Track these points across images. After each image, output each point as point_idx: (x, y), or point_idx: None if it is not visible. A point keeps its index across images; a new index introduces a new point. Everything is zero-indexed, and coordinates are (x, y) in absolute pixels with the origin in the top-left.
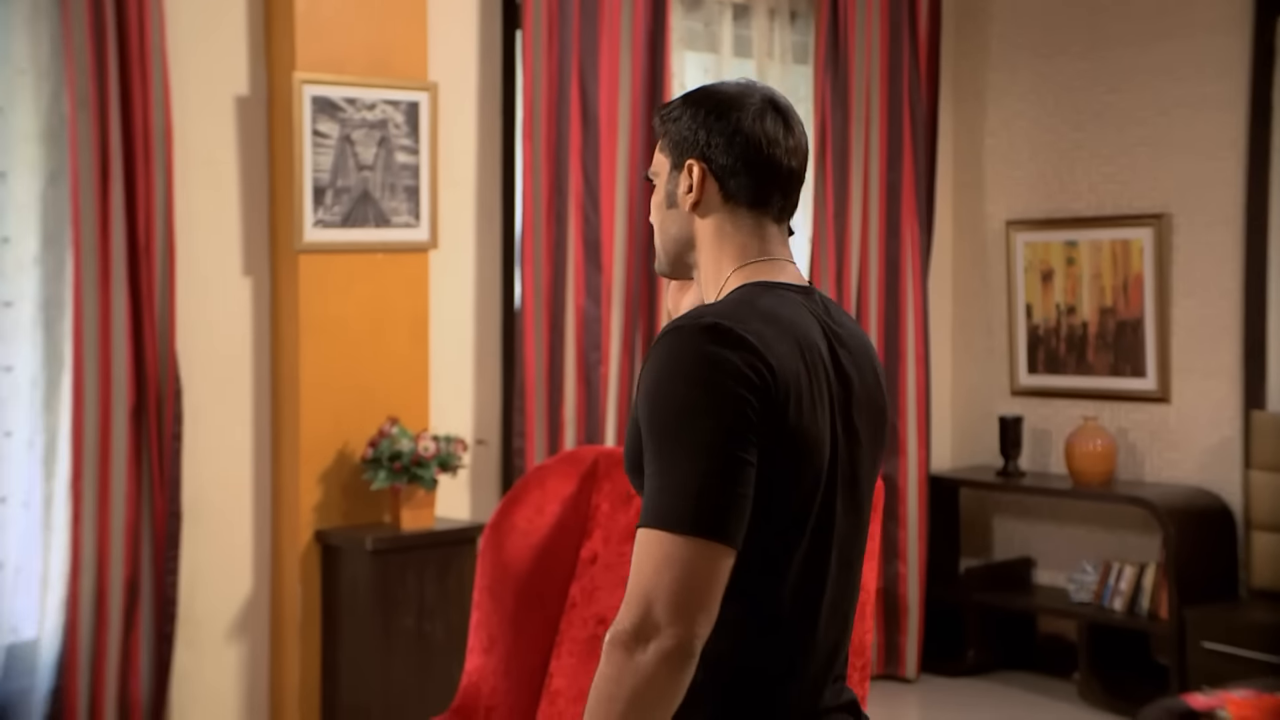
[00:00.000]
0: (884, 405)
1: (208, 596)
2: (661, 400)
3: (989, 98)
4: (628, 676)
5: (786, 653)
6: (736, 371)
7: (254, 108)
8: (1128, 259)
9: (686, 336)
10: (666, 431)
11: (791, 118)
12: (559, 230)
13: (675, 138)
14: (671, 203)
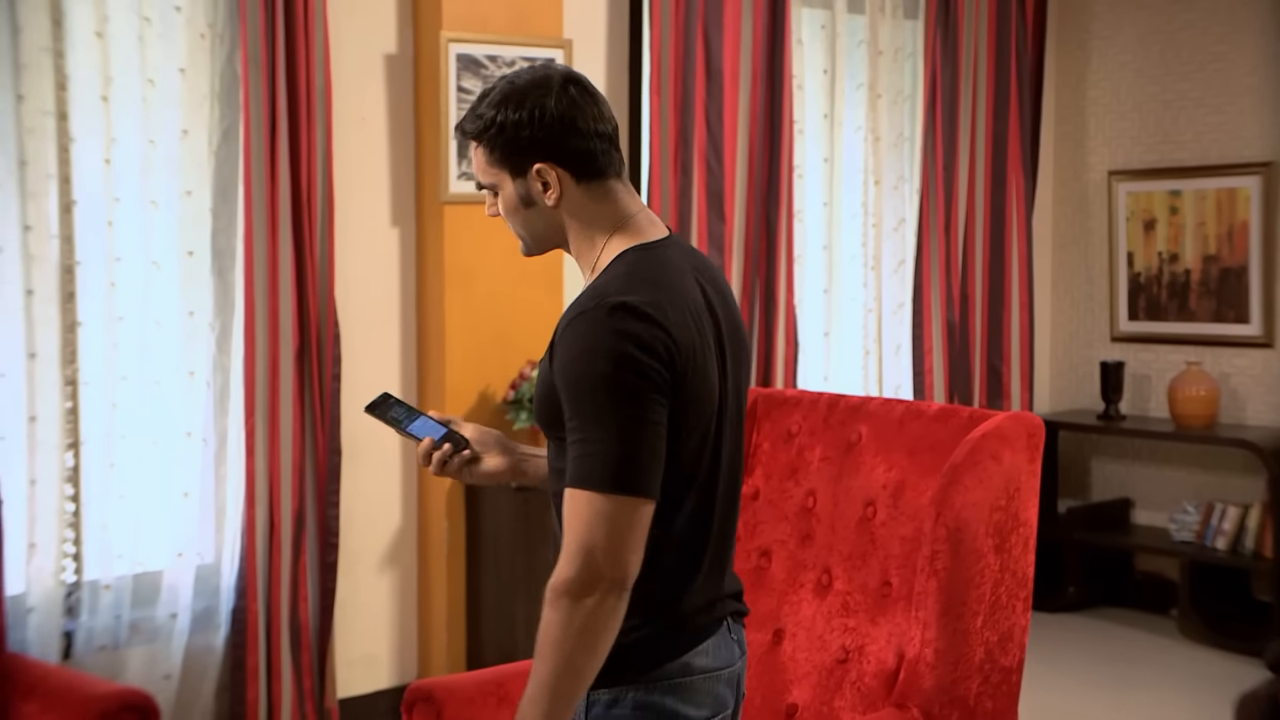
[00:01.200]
0: (741, 323)
1: (362, 529)
2: (581, 376)
3: (1093, 49)
4: (577, 619)
5: (692, 556)
6: (644, 345)
7: (401, 66)
8: (1233, 207)
9: (597, 318)
10: (585, 403)
11: (587, 83)
12: (684, 181)
13: (506, 149)
14: (528, 204)
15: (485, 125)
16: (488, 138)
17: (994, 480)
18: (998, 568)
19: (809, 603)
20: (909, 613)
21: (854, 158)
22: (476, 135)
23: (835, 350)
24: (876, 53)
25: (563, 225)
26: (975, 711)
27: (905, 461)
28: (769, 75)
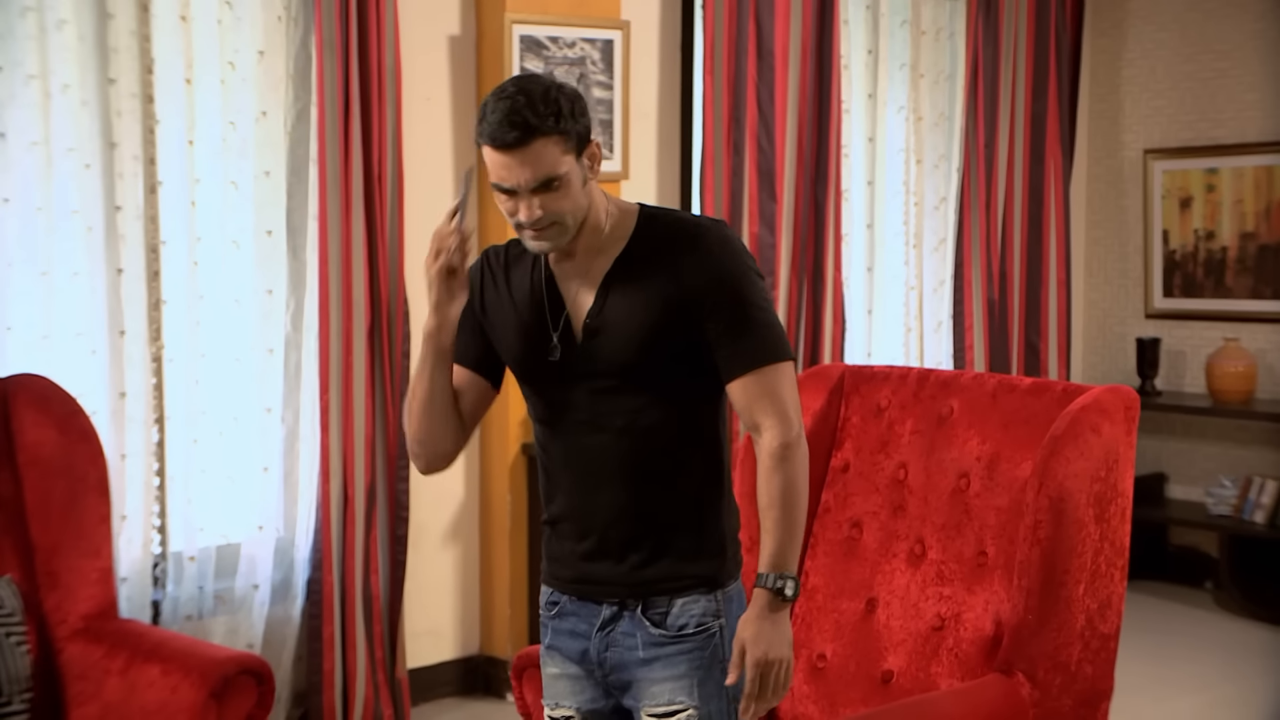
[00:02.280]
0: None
1: (428, 503)
2: (746, 272)
3: (1129, 28)
4: (805, 464)
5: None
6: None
7: (464, 47)
8: (1271, 185)
9: (720, 232)
10: (755, 293)
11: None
12: (736, 160)
13: (577, 133)
14: (583, 183)
15: (558, 113)
16: (563, 125)
17: (1094, 452)
18: (1098, 537)
19: (902, 572)
20: (1008, 581)
21: (896, 137)
22: (551, 129)
23: (878, 327)
24: (919, 33)
25: (592, 199)
26: (1076, 676)
27: (999, 434)
28: (818, 56)
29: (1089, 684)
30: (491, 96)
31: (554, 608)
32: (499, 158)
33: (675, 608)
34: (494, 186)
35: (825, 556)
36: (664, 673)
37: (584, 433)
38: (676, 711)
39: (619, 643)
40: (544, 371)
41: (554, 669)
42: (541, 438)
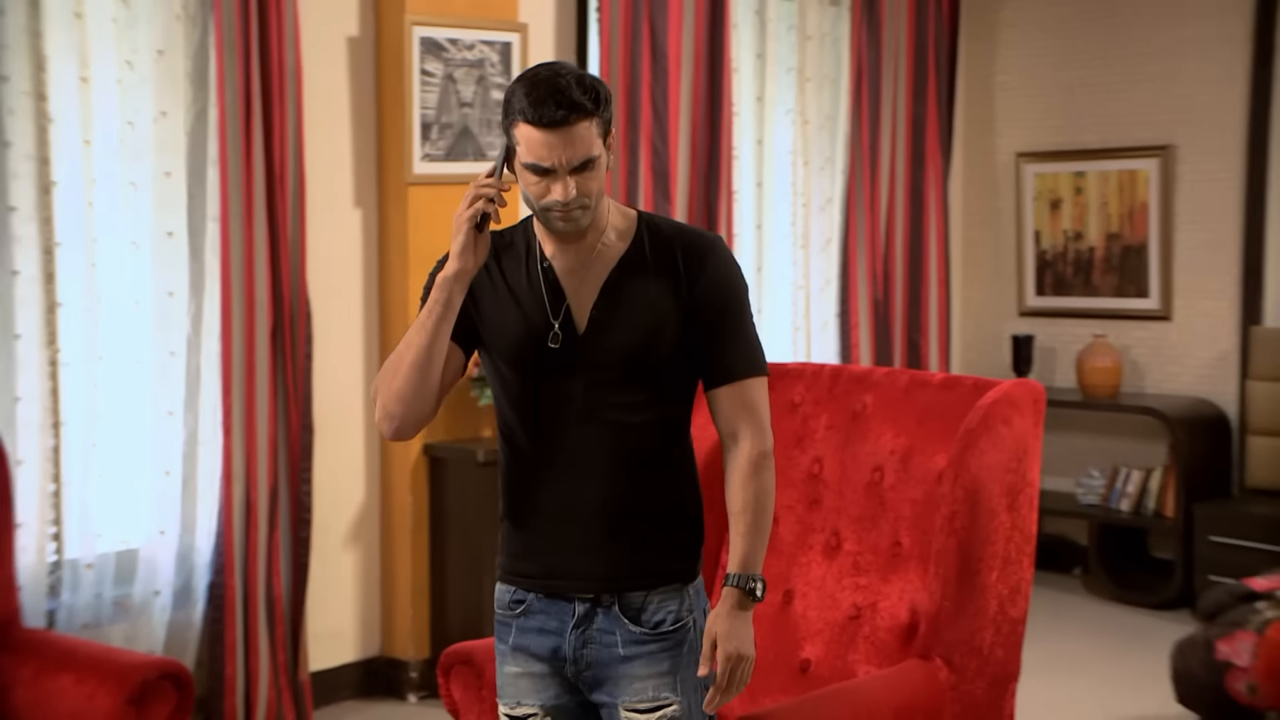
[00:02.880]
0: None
1: (328, 505)
2: (742, 288)
3: (1000, 36)
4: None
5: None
6: None
7: (363, 48)
8: (1134, 188)
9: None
10: (746, 309)
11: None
12: (631, 161)
13: (607, 119)
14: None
15: (596, 96)
16: (601, 108)
17: (1006, 443)
18: (1009, 525)
19: (819, 564)
20: (923, 570)
21: (784, 139)
22: (591, 110)
23: (766, 326)
24: (805, 38)
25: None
26: (989, 659)
27: (913, 429)
28: (709, 59)
29: (1000, 667)
30: (526, 80)
31: (519, 606)
32: (542, 136)
33: (653, 603)
34: (528, 167)
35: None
36: (647, 669)
37: (574, 424)
38: (661, 707)
39: (596, 640)
40: (541, 360)
41: (515, 668)
42: (517, 429)
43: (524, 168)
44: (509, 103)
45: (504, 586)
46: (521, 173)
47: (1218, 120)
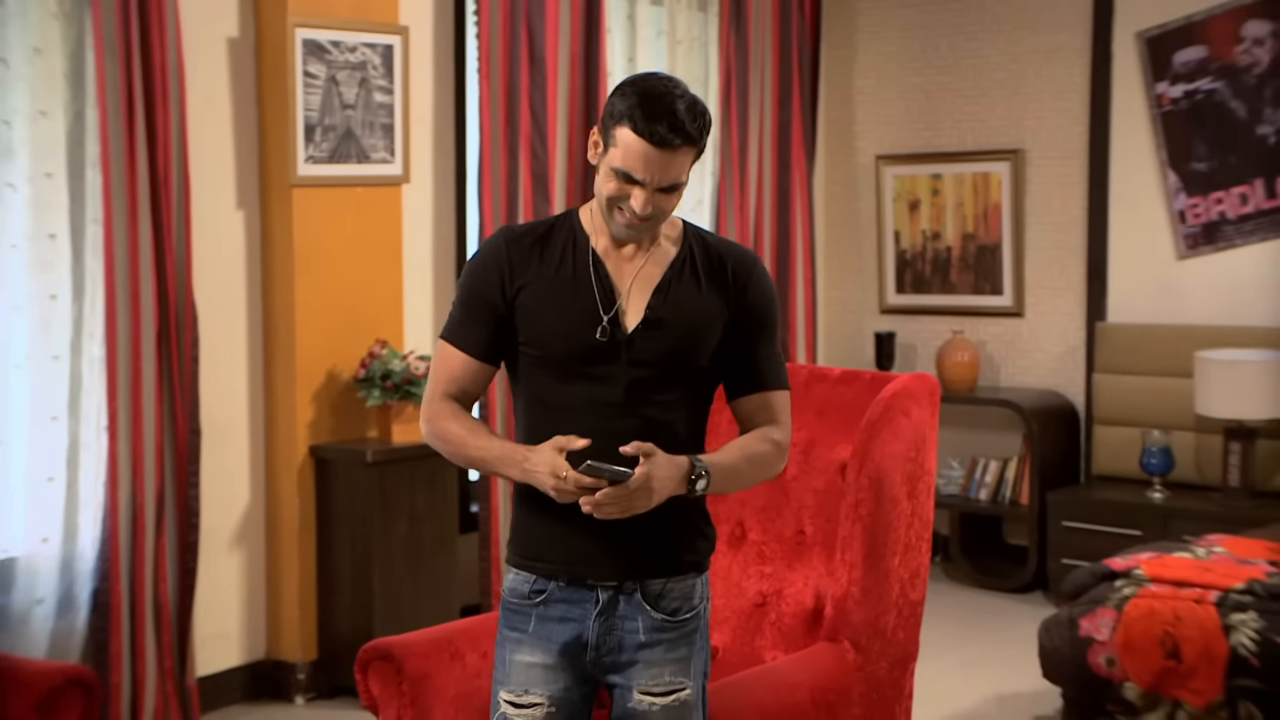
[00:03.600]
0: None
1: (213, 509)
2: (776, 303)
3: (859, 43)
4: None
5: None
6: None
7: (243, 49)
8: (987, 190)
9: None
10: (777, 323)
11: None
12: (511, 164)
13: (703, 147)
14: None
15: (703, 127)
16: (702, 139)
17: (906, 434)
18: (909, 512)
19: (724, 554)
20: (826, 557)
21: None
22: (696, 140)
23: None
24: (675, 42)
25: None
26: (891, 641)
27: (814, 422)
28: (585, 63)
29: (901, 648)
30: (641, 89)
31: (539, 595)
32: (644, 150)
33: (672, 591)
34: (618, 171)
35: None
36: (666, 655)
37: (611, 416)
38: (674, 691)
39: (619, 627)
40: (586, 353)
41: (530, 657)
42: (544, 421)
43: (612, 170)
44: (616, 103)
45: (521, 575)
46: (607, 172)
47: (1062, 126)
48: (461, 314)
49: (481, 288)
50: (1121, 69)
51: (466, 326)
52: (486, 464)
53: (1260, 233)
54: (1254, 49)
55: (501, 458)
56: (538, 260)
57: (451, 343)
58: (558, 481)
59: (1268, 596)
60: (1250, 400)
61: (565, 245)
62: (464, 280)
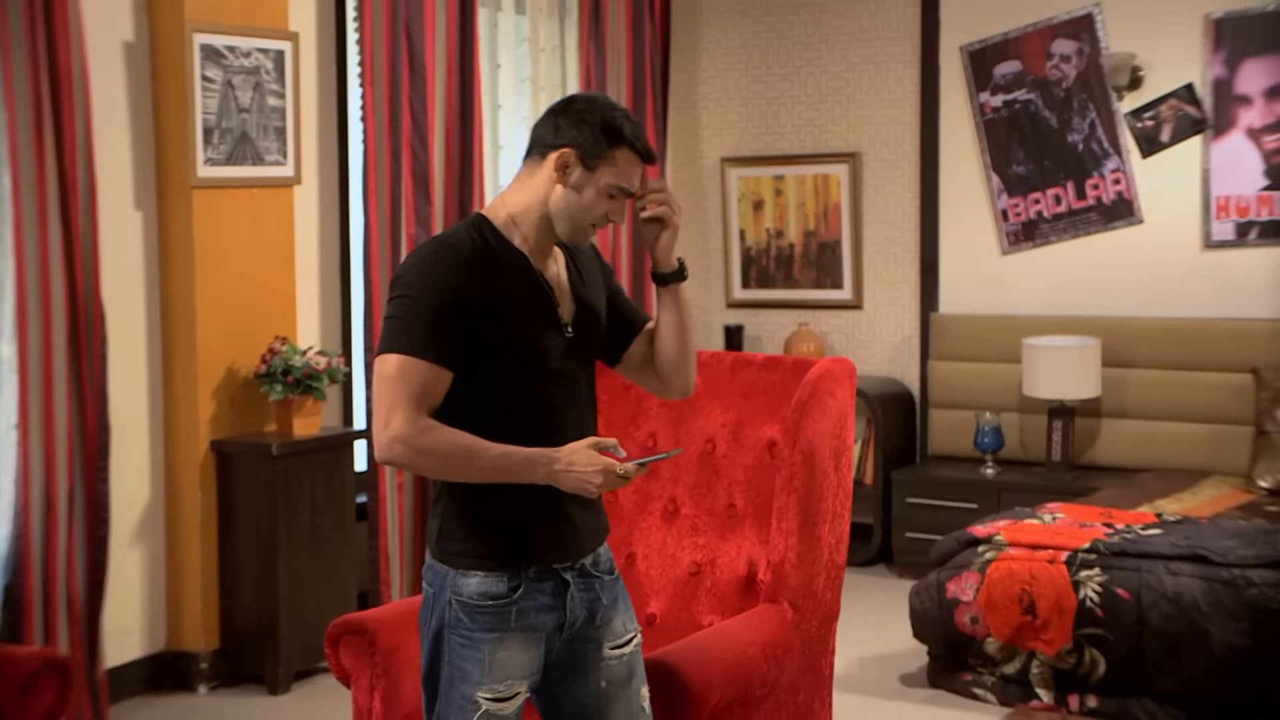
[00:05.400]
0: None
1: (114, 504)
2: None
3: (703, 50)
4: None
5: None
6: None
7: (139, 53)
8: (827, 190)
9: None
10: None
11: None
12: (395, 166)
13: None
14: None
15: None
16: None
17: (832, 412)
18: (835, 484)
19: (658, 528)
20: (757, 527)
21: (522, 144)
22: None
23: None
24: (538, 49)
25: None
26: (821, 601)
27: (740, 404)
28: (461, 68)
29: (828, 607)
30: (620, 112)
31: (515, 591)
32: (639, 166)
33: (602, 552)
34: (618, 188)
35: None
36: (619, 609)
37: (566, 405)
38: (630, 639)
39: (585, 597)
40: (557, 351)
41: (510, 651)
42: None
43: (606, 187)
44: (612, 127)
45: (490, 578)
46: (597, 190)
47: (895, 131)
48: (424, 326)
49: (445, 300)
50: (948, 79)
51: (433, 339)
52: (503, 471)
53: (1072, 230)
54: (1062, 65)
55: (525, 462)
56: (489, 272)
57: (420, 356)
58: (609, 479)
59: (1109, 554)
60: (1071, 382)
61: (504, 255)
62: (419, 294)
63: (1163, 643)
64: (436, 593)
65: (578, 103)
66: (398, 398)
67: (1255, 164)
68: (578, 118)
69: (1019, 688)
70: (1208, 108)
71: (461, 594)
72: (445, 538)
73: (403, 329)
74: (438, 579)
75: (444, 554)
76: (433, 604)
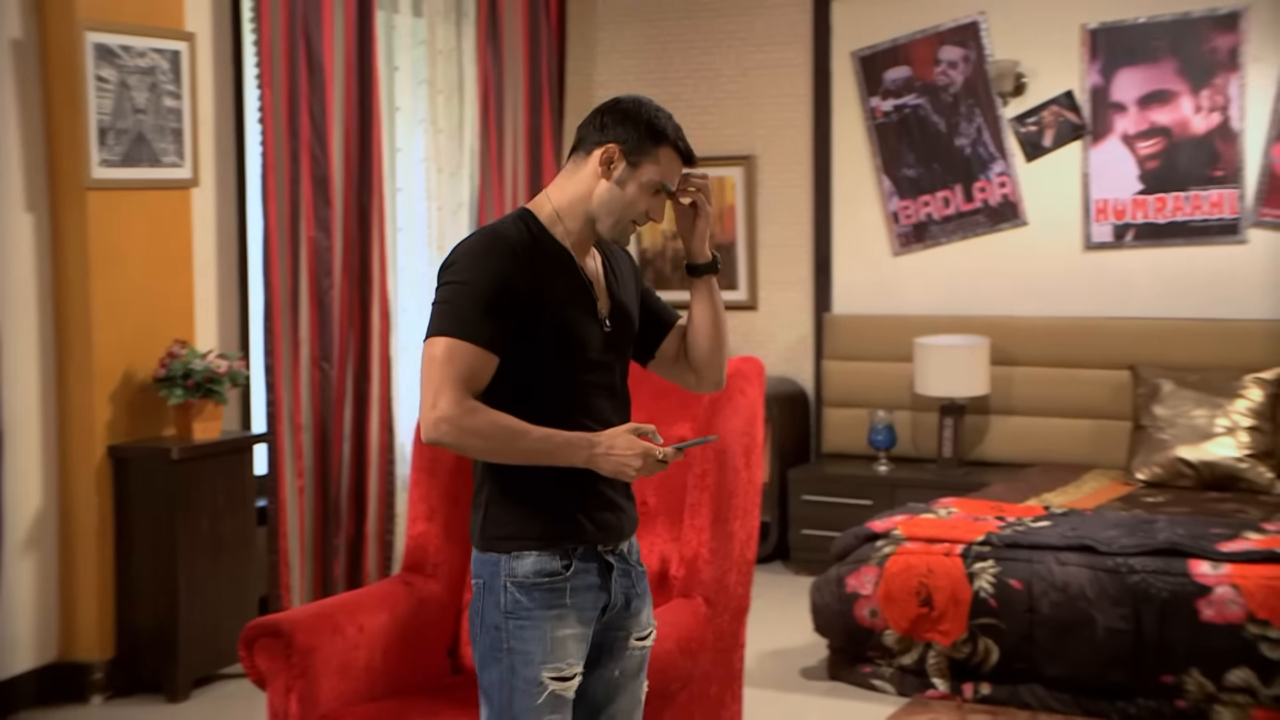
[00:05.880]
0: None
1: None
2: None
3: (599, 54)
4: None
5: None
6: None
7: (28, 52)
8: (722, 193)
9: None
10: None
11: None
12: (294, 168)
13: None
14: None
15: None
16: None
17: (743, 410)
18: (746, 480)
19: None
20: (669, 524)
21: (419, 147)
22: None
23: (407, 326)
24: (435, 51)
25: None
26: (733, 595)
27: (652, 403)
28: (360, 70)
29: (739, 601)
30: (662, 114)
31: (568, 568)
32: (680, 166)
33: (634, 544)
34: (661, 185)
35: None
36: (646, 601)
37: (604, 396)
38: (650, 632)
39: (625, 586)
40: (596, 343)
41: (569, 630)
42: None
43: (649, 183)
44: (657, 125)
45: (544, 556)
46: (640, 186)
47: (789, 135)
48: (474, 311)
49: (494, 287)
50: (840, 84)
51: (485, 323)
52: (545, 453)
53: (961, 232)
54: (949, 70)
55: (565, 445)
56: (535, 263)
57: (469, 340)
58: (648, 463)
59: (1002, 546)
60: (961, 380)
61: (549, 248)
62: (470, 281)
63: (1052, 630)
64: (488, 581)
65: (624, 102)
66: (445, 379)
67: (1131, 169)
68: (624, 115)
69: (916, 678)
70: (1086, 114)
71: (516, 575)
72: (491, 523)
73: (452, 313)
74: (487, 568)
75: (491, 540)
76: (484, 595)
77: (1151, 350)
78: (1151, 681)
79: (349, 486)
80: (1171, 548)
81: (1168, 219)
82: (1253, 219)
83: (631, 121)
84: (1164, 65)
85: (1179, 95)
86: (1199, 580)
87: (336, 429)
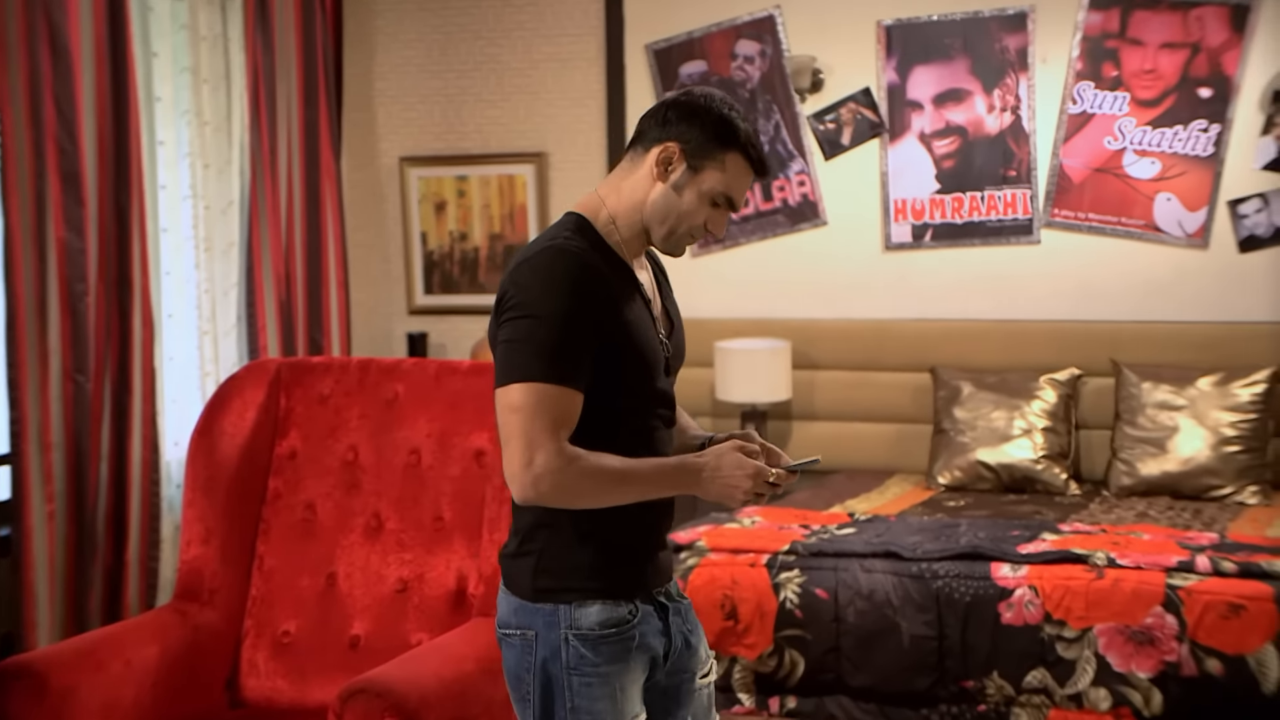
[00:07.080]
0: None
1: None
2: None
3: (378, 44)
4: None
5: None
6: None
7: None
8: (513, 191)
9: None
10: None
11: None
12: (39, 163)
13: None
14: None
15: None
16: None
17: None
18: None
19: (361, 545)
20: (466, 539)
21: (182, 140)
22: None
23: (177, 331)
24: (199, 37)
25: None
26: None
27: (446, 413)
28: (113, 56)
29: None
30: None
31: (633, 616)
32: (750, 178)
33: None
34: (724, 198)
35: (280, 540)
36: (700, 635)
37: (660, 426)
38: (711, 666)
39: (680, 626)
40: (660, 368)
41: (632, 682)
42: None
43: (709, 192)
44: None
45: (608, 605)
46: (699, 194)
47: (582, 131)
48: (554, 347)
49: (573, 315)
50: (634, 78)
51: (569, 360)
52: (657, 487)
53: (760, 232)
54: (746, 66)
55: (676, 472)
56: (607, 281)
57: (556, 382)
58: (758, 483)
59: (808, 554)
60: (762, 385)
61: (612, 261)
62: (545, 311)
63: (857, 639)
64: (540, 634)
65: (694, 95)
66: (539, 432)
67: (928, 168)
68: (690, 110)
69: (722, 694)
70: (883, 112)
71: (581, 627)
72: (544, 573)
73: (533, 352)
74: (538, 619)
75: (545, 591)
76: (535, 649)
77: (951, 352)
78: (955, 687)
79: (107, 510)
80: (973, 551)
81: (964, 219)
82: (1044, 219)
83: (699, 118)
84: (957, 64)
85: (972, 94)
86: (1000, 583)
87: (93, 448)
